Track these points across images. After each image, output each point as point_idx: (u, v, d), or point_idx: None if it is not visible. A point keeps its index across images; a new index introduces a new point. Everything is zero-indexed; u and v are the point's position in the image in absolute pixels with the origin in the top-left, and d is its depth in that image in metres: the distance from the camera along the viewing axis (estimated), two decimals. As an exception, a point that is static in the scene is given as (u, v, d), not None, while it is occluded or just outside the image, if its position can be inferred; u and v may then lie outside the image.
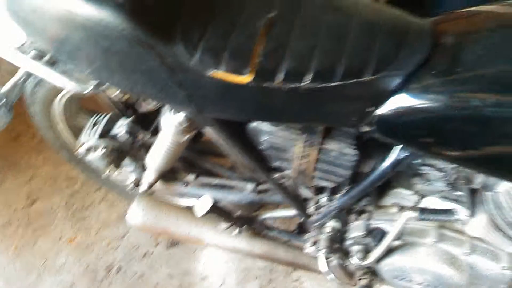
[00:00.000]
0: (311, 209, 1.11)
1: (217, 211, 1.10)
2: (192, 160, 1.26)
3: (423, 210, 0.95)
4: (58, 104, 1.25)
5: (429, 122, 0.73)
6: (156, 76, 0.75)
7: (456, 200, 1.01)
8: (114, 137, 1.16)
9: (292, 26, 0.75)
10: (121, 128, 1.14)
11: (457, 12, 0.81)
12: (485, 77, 0.68)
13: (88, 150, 1.16)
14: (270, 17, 0.75)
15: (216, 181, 1.24)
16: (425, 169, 0.92)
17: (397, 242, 1.09)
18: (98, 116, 1.19)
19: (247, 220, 1.24)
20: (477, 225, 1.00)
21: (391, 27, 0.76)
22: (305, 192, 1.09)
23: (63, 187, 1.88)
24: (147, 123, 1.17)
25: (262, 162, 0.99)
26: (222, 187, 1.25)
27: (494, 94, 0.67)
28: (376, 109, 0.76)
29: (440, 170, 0.91)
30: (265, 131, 0.91)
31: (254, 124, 0.93)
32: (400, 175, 1.05)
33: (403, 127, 0.76)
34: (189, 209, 1.22)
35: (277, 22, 0.75)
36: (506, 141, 0.70)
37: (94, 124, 1.18)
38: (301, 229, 1.31)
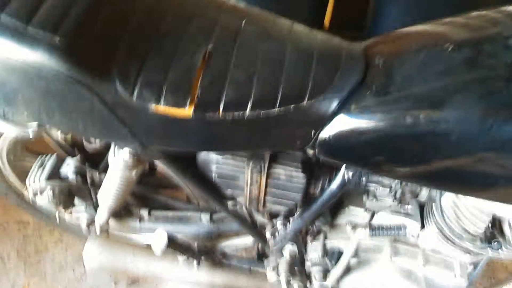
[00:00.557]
0: (267, 234, 1.11)
1: (174, 245, 1.09)
2: (145, 194, 1.24)
3: (374, 227, 0.97)
4: (1, 147, 1.21)
5: (367, 141, 0.75)
6: (96, 114, 0.74)
7: (406, 214, 1.04)
8: (61, 178, 1.13)
9: (229, 57, 0.76)
10: (68, 168, 1.11)
11: (387, 35, 0.85)
12: (416, 95, 0.71)
13: (35, 193, 1.13)
14: (208, 48, 0.76)
15: (170, 214, 1.22)
16: (372, 186, 0.95)
17: (354, 260, 1.10)
18: (44, 157, 1.16)
19: (205, 251, 1.23)
20: (428, 236, 1.03)
21: (325, 52, 0.79)
22: (260, 218, 1.09)
23: (14, 232, 1.80)
24: (95, 161, 1.15)
25: (214, 191, 0.99)
26: (177, 219, 1.24)
27: (425, 111, 0.70)
28: (318, 132, 0.77)
29: (386, 186, 0.94)
30: (213, 160, 0.92)
31: (202, 154, 0.94)
32: (351, 193, 1.07)
33: (344, 148, 0.78)
34: (147, 247, 1.20)
35: (215, 53, 0.76)
36: (442, 155, 0.73)
37: (40, 166, 1.14)
38: (261, 255, 1.31)
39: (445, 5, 1.49)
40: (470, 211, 0.89)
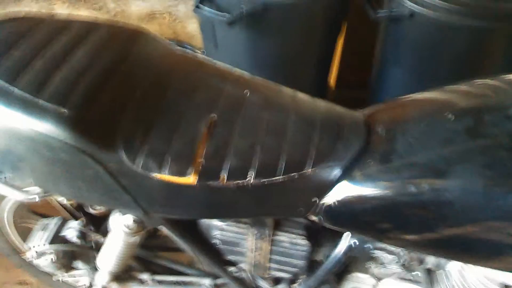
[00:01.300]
0: (271, 300, 1.08)
1: (175, 310, 1.06)
2: (147, 257, 1.22)
3: (380, 295, 0.94)
4: (6, 208, 1.21)
5: (370, 209, 0.75)
6: (100, 182, 0.75)
7: (413, 280, 1.01)
8: (64, 241, 1.12)
9: (233, 126, 0.78)
10: (71, 231, 1.11)
11: (389, 102, 0.87)
12: (417, 164, 0.71)
13: (37, 256, 1.11)
14: (212, 118, 0.78)
15: (172, 278, 1.20)
16: (378, 253, 0.93)
17: (360, 328, 1.07)
18: (47, 219, 1.16)
19: (207, 316, 1.19)
20: (436, 304, 1.00)
21: (327, 121, 0.80)
22: (262, 284, 1.07)
23: (13, 293, 1.76)
24: (98, 223, 1.15)
25: (216, 257, 0.98)
26: (179, 284, 1.21)
27: (428, 180, 0.70)
28: (321, 199, 0.77)
29: (391, 253, 0.92)
30: (216, 227, 0.91)
31: (205, 220, 0.93)
32: (356, 259, 1.05)
33: (347, 215, 0.77)
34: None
35: (219, 123, 0.78)
36: (446, 224, 0.72)
37: (43, 229, 1.14)
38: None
39: (448, 68, 1.53)
40: (479, 279, 0.87)
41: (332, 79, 2.37)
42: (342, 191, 0.76)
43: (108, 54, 0.81)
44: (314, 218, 0.81)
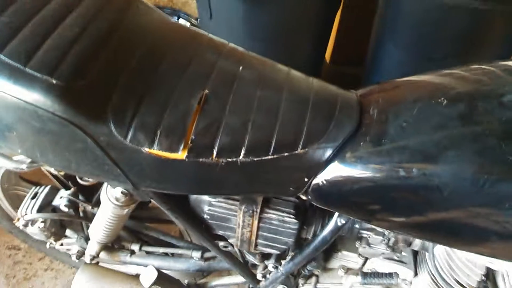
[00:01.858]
0: (259, 275, 1.10)
1: (163, 281, 1.07)
2: (137, 229, 1.23)
3: (366, 274, 0.95)
4: (-5, 175, 1.21)
5: (360, 191, 0.75)
6: (89, 154, 0.74)
7: (400, 261, 1.03)
8: (54, 210, 1.12)
9: (225, 102, 0.76)
10: (61, 200, 1.11)
11: (383, 83, 0.86)
12: (408, 148, 0.71)
13: (26, 224, 1.12)
14: (204, 93, 0.77)
15: (161, 250, 1.21)
16: (365, 233, 0.94)
17: (345, 305, 1.09)
18: (37, 188, 1.16)
19: (195, 288, 1.21)
20: (420, 285, 1.01)
21: (321, 101, 0.79)
22: (251, 259, 1.08)
23: (4, 257, 1.77)
24: (89, 194, 1.15)
25: (205, 231, 0.98)
26: (168, 255, 1.22)
27: (418, 164, 0.70)
28: (311, 179, 0.77)
29: (379, 233, 0.93)
30: (205, 202, 0.91)
31: (194, 195, 0.93)
32: (344, 238, 1.06)
33: (337, 196, 0.78)
34: (136, 277, 1.18)
35: (211, 99, 0.76)
36: (434, 208, 0.72)
37: (34, 196, 1.14)
38: (252, 295, 1.29)
39: (446, 48, 1.51)
40: (464, 263, 0.88)
41: (328, 54, 2.35)
42: (333, 171, 0.76)
43: (100, 23, 0.78)
44: (304, 197, 0.81)
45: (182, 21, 2.03)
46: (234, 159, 0.73)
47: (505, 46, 1.42)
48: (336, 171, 0.76)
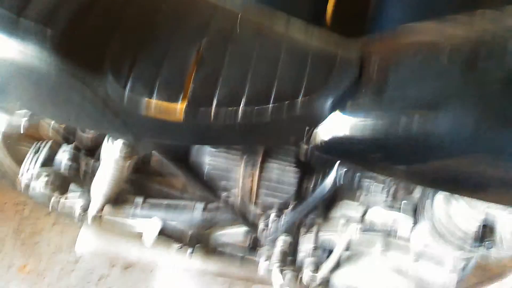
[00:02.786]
0: (261, 225, 1.11)
1: (167, 233, 1.09)
2: (140, 181, 1.24)
3: (367, 222, 0.97)
4: (-3, 131, 1.21)
5: (361, 140, 0.75)
6: (89, 106, 0.74)
7: (400, 209, 1.04)
8: (57, 165, 1.13)
9: (224, 53, 0.75)
10: (63, 155, 1.11)
11: (385, 33, 0.84)
12: (411, 96, 0.71)
13: (30, 179, 1.13)
14: (203, 43, 0.75)
15: (165, 202, 1.22)
16: (366, 182, 0.95)
17: (347, 253, 1.11)
18: (40, 143, 1.16)
19: (199, 239, 1.23)
20: (420, 232, 1.03)
21: (321, 50, 0.78)
22: (253, 209, 1.09)
23: (11, 214, 1.81)
24: (91, 148, 1.15)
25: (208, 182, 0.99)
26: (172, 208, 1.24)
27: (420, 112, 0.70)
28: (312, 128, 0.77)
29: (379, 182, 0.94)
30: (207, 153, 0.92)
31: (196, 146, 0.93)
32: (345, 187, 1.07)
33: (338, 145, 0.78)
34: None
35: (209, 49, 0.75)
36: (435, 156, 0.73)
37: (36, 152, 1.14)
38: (255, 244, 1.31)
39: (453, 3, 1.47)
40: (463, 209, 0.89)
41: (328, 13, 2.29)
42: (334, 120, 0.75)
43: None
44: (305, 146, 0.81)
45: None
46: (234, 109, 0.73)
47: None
48: (337, 120, 0.75)
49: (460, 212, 0.89)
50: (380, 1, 1.71)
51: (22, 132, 1.27)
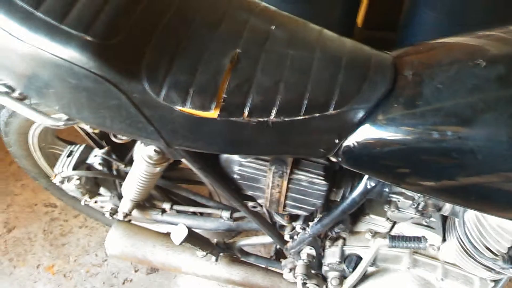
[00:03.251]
0: (286, 236, 1.11)
1: (193, 239, 1.10)
2: (168, 188, 1.26)
3: (394, 238, 0.95)
4: (33, 134, 1.25)
5: (391, 153, 0.74)
6: (123, 112, 0.75)
7: (428, 226, 1.03)
8: (88, 168, 1.16)
9: (257, 61, 0.76)
10: (95, 159, 1.14)
11: (418, 45, 0.84)
12: (443, 110, 0.70)
13: (63, 180, 1.16)
14: (236, 52, 0.76)
15: (192, 209, 1.24)
16: (395, 197, 0.94)
17: (372, 269, 1.10)
18: (73, 147, 1.19)
19: (224, 247, 1.24)
20: (448, 250, 1.01)
21: (354, 61, 0.78)
22: (279, 220, 1.09)
23: (41, 214, 1.86)
24: (122, 153, 1.18)
25: (235, 191, 1.00)
26: (198, 215, 1.25)
27: (453, 127, 0.69)
28: (342, 141, 0.77)
29: (408, 197, 0.93)
30: (236, 162, 0.92)
31: (226, 155, 0.94)
32: (373, 202, 1.06)
33: (367, 158, 0.77)
34: (167, 235, 1.22)
35: (243, 58, 0.76)
36: (467, 173, 0.72)
37: (69, 155, 1.18)
38: (279, 255, 1.31)
39: (480, 10, 1.45)
40: (494, 229, 0.87)
41: (360, 19, 2.29)
42: (364, 133, 0.75)
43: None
44: (334, 159, 0.81)
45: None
46: (265, 119, 0.74)
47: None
48: (367, 133, 0.75)
49: (490, 232, 0.87)
50: (412, 9, 1.70)
51: (56, 136, 1.31)
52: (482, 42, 0.76)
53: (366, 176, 0.87)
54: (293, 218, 1.08)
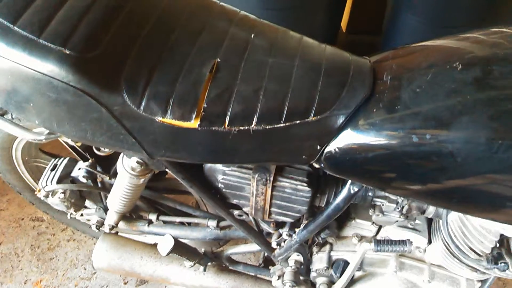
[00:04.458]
0: (273, 243, 1.11)
1: (180, 250, 1.09)
2: (154, 199, 1.25)
3: (379, 242, 0.96)
4: (16, 148, 1.24)
5: (373, 158, 0.75)
6: (104, 124, 0.75)
7: (413, 229, 1.03)
8: (73, 181, 1.15)
9: (237, 70, 0.76)
10: (79, 171, 1.13)
11: (397, 50, 0.85)
12: (422, 114, 0.70)
13: (47, 194, 1.15)
14: (215, 62, 0.77)
15: (178, 219, 1.24)
16: (379, 201, 0.94)
17: (359, 273, 1.10)
18: (57, 160, 1.19)
19: (212, 256, 1.23)
20: (434, 252, 1.02)
21: (333, 68, 0.79)
22: (265, 227, 1.09)
23: (28, 228, 1.84)
24: (107, 165, 1.17)
25: (220, 200, 1.00)
26: (185, 224, 1.25)
27: (432, 131, 0.70)
28: (324, 147, 0.77)
29: (392, 201, 0.93)
30: (219, 171, 0.92)
31: (209, 165, 0.94)
32: (358, 206, 1.07)
33: (349, 164, 0.78)
34: (154, 246, 1.21)
35: (223, 67, 0.76)
36: (448, 175, 0.72)
37: (53, 168, 1.17)
38: (267, 263, 1.31)
39: (463, 14, 1.47)
40: (477, 230, 0.87)
41: (344, 23, 2.31)
42: (346, 139, 0.76)
43: (112, -8, 0.79)
44: (316, 165, 0.82)
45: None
46: (246, 127, 0.74)
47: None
48: (349, 138, 0.75)
49: (474, 233, 0.88)
50: (395, 13, 1.72)
51: (39, 149, 1.30)
52: (460, 45, 0.78)
53: (349, 181, 0.88)
54: (280, 225, 1.08)
